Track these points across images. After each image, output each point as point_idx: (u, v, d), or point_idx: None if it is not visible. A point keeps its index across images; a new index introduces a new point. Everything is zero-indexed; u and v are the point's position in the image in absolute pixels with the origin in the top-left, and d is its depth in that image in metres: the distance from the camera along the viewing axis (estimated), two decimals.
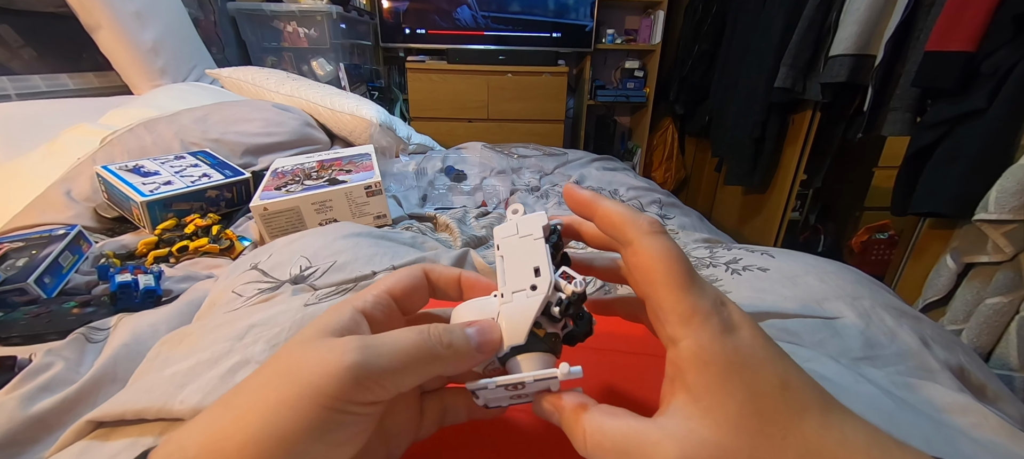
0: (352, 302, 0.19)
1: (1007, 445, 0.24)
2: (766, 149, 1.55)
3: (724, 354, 0.15)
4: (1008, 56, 0.81)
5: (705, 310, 0.16)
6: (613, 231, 0.18)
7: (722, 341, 0.15)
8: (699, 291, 0.16)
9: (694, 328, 0.15)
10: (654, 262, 0.16)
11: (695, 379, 0.15)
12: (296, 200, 0.62)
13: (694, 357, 0.15)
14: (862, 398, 0.25)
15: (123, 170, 0.69)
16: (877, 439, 0.14)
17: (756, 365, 0.15)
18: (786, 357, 0.16)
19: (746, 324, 0.16)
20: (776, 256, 0.44)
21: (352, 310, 0.18)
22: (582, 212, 0.19)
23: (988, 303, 0.82)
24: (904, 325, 0.34)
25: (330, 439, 0.15)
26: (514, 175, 1.03)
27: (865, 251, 1.60)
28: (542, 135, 2.09)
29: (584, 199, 0.19)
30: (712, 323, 0.15)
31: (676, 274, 0.16)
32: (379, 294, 0.20)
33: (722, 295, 0.17)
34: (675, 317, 0.16)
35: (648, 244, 0.17)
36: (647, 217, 0.18)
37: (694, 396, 0.15)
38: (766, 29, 1.45)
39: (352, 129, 1.11)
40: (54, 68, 1.12)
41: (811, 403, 0.15)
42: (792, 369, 0.15)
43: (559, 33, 2.12)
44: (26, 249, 0.54)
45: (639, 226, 0.17)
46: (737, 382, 0.15)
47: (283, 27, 1.69)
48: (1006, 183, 0.76)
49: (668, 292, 0.16)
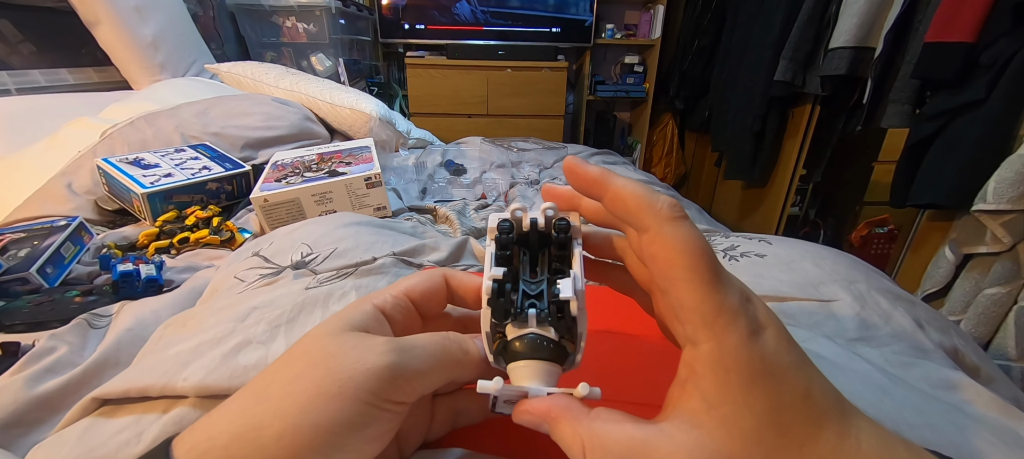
0: (373, 300, 0.19)
1: (1000, 418, 0.24)
2: (766, 143, 1.55)
3: (750, 362, 0.14)
4: (1007, 47, 0.81)
5: (732, 310, 0.14)
6: (627, 215, 0.16)
7: (748, 348, 0.14)
8: (726, 288, 0.15)
9: (718, 331, 0.14)
10: (676, 254, 0.15)
11: (713, 386, 0.14)
12: (296, 192, 0.63)
13: (716, 363, 0.14)
14: (856, 374, 0.26)
15: (124, 162, 0.70)
16: (888, 444, 0.14)
17: (780, 374, 0.14)
18: (808, 362, 0.15)
19: (772, 324, 0.15)
20: (773, 243, 0.45)
21: (373, 308, 0.19)
22: (588, 190, 0.17)
23: (987, 293, 0.82)
24: (899, 308, 0.35)
25: (365, 434, 0.16)
26: (513, 169, 1.03)
27: (865, 245, 1.60)
28: (542, 130, 2.09)
29: (592, 176, 0.17)
30: (739, 326, 0.14)
31: (702, 269, 0.14)
32: (398, 295, 0.20)
33: (747, 290, 0.15)
34: (698, 318, 0.14)
35: (670, 233, 0.15)
36: (667, 199, 0.16)
37: (709, 404, 0.14)
38: (766, 23, 1.45)
39: (352, 123, 1.11)
40: (54, 63, 1.12)
41: (830, 413, 0.14)
42: (814, 376, 0.15)
43: (558, 28, 2.11)
44: (28, 240, 0.54)
45: (658, 211, 0.15)
46: (760, 393, 0.14)
47: (282, 22, 1.69)
48: (1004, 173, 0.76)
49: (692, 290, 0.14)
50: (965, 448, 0.21)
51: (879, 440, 0.14)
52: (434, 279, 0.21)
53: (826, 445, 0.14)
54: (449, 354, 0.18)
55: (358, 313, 0.18)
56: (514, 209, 0.19)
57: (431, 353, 0.17)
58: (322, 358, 0.16)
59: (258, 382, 0.16)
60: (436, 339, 0.18)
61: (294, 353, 0.17)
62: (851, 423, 0.14)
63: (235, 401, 0.16)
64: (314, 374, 0.16)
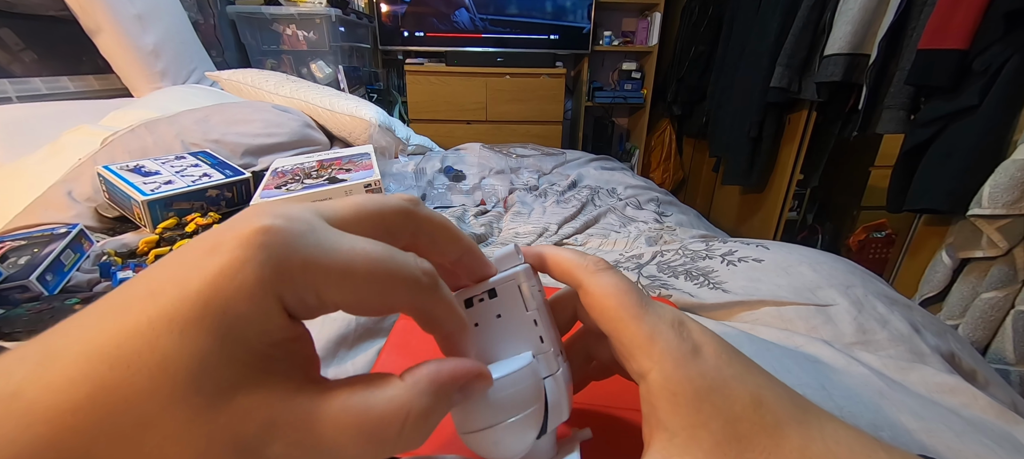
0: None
1: (996, 423, 0.24)
2: (763, 148, 1.56)
3: (690, 381, 0.14)
4: (999, 53, 0.83)
5: (664, 334, 0.15)
6: (565, 278, 0.18)
7: (686, 368, 0.14)
8: (655, 315, 0.16)
9: (657, 358, 0.15)
10: (605, 298, 0.16)
11: (667, 414, 0.15)
12: (296, 198, 0.63)
13: (662, 389, 0.15)
14: (854, 378, 0.26)
15: (124, 170, 0.70)
16: (862, 443, 0.14)
17: (725, 387, 0.14)
18: (755, 369, 0.15)
19: (708, 341, 0.15)
20: (771, 248, 0.45)
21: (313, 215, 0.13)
22: (537, 266, 0.19)
23: (983, 298, 0.82)
24: (896, 312, 0.35)
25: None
26: (512, 175, 1.03)
27: (862, 250, 1.61)
28: (540, 136, 2.10)
29: (533, 254, 0.19)
30: (673, 349, 0.15)
31: (628, 305, 0.16)
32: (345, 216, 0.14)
33: (679, 314, 0.16)
34: (636, 348, 0.15)
35: (597, 282, 0.17)
36: (592, 258, 0.18)
37: (671, 433, 0.14)
38: (762, 30, 1.46)
39: (351, 130, 1.12)
40: (55, 71, 1.13)
41: (787, 417, 0.14)
42: (763, 383, 0.15)
43: (557, 35, 2.13)
44: (28, 247, 0.54)
45: (585, 268, 0.17)
46: (709, 410, 0.14)
47: (282, 30, 1.70)
48: (999, 178, 0.77)
49: (624, 324, 0.16)
50: (962, 453, 0.22)
51: (851, 439, 0.14)
52: (396, 207, 0.15)
53: (791, 451, 0.13)
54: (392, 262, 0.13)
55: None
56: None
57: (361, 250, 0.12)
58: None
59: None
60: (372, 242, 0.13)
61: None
62: (814, 426, 0.14)
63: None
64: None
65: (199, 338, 0.10)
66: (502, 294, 0.18)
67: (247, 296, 0.10)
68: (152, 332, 0.10)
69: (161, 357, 0.10)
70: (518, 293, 0.18)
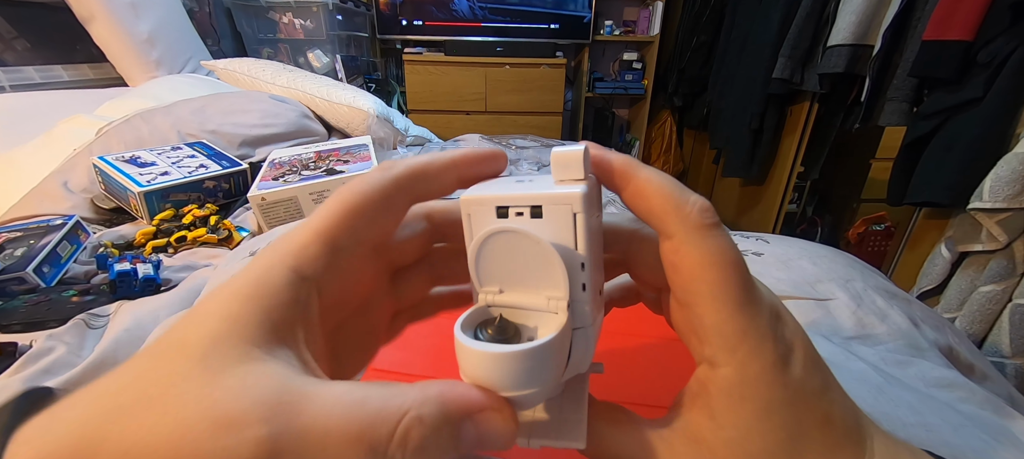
0: (286, 259, 0.12)
1: (993, 417, 0.25)
2: (764, 140, 1.55)
3: (771, 391, 0.12)
4: (1004, 45, 0.82)
5: (759, 333, 0.13)
6: (650, 216, 0.14)
7: (772, 376, 0.13)
8: (755, 309, 0.13)
9: (742, 357, 0.13)
10: (703, 269, 0.13)
11: (725, 409, 0.13)
12: (294, 190, 0.63)
13: (733, 389, 0.13)
14: (853, 373, 0.26)
15: (120, 161, 0.69)
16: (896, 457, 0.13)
17: (802, 403, 0.13)
18: (831, 380, 0.14)
19: (799, 345, 0.13)
20: (771, 241, 0.45)
21: (291, 276, 0.12)
22: (609, 183, 0.15)
23: (981, 291, 0.83)
24: (895, 306, 0.35)
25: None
26: (512, 166, 1.03)
27: (862, 242, 1.61)
28: (540, 127, 2.08)
29: (615, 167, 0.14)
30: (765, 352, 0.13)
31: (731, 289, 0.13)
32: (332, 235, 0.13)
33: (776, 302, 0.14)
34: (720, 340, 0.13)
35: (698, 243, 0.13)
36: (698, 202, 0.13)
37: (718, 424, 0.13)
38: (764, 20, 1.45)
39: (349, 120, 1.11)
40: (48, 60, 1.11)
41: (847, 439, 0.13)
42: (837, 399, 0.13)
43: (557, 24, 2.10)
44: (24, 239, 0.54)
45: (686, 215, 0.13)
46: (777, 422, 0.13)
47: (279, 18, 1.68)
48: (1001, 172, 0.76)
49: (716, 310, 0.13)
50: (960, 448, 0.22)
51: (888, 454, 0.13)
52: (384, 186, 0.14)
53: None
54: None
55: (264, 303, 0.11)
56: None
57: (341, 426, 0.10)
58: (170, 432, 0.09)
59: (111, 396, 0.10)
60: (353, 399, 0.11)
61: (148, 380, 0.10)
62: (866, 446, 0.13)
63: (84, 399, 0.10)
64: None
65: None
66: (549, 217, 0.14)
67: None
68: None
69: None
70: (571, 223, 0.13)
